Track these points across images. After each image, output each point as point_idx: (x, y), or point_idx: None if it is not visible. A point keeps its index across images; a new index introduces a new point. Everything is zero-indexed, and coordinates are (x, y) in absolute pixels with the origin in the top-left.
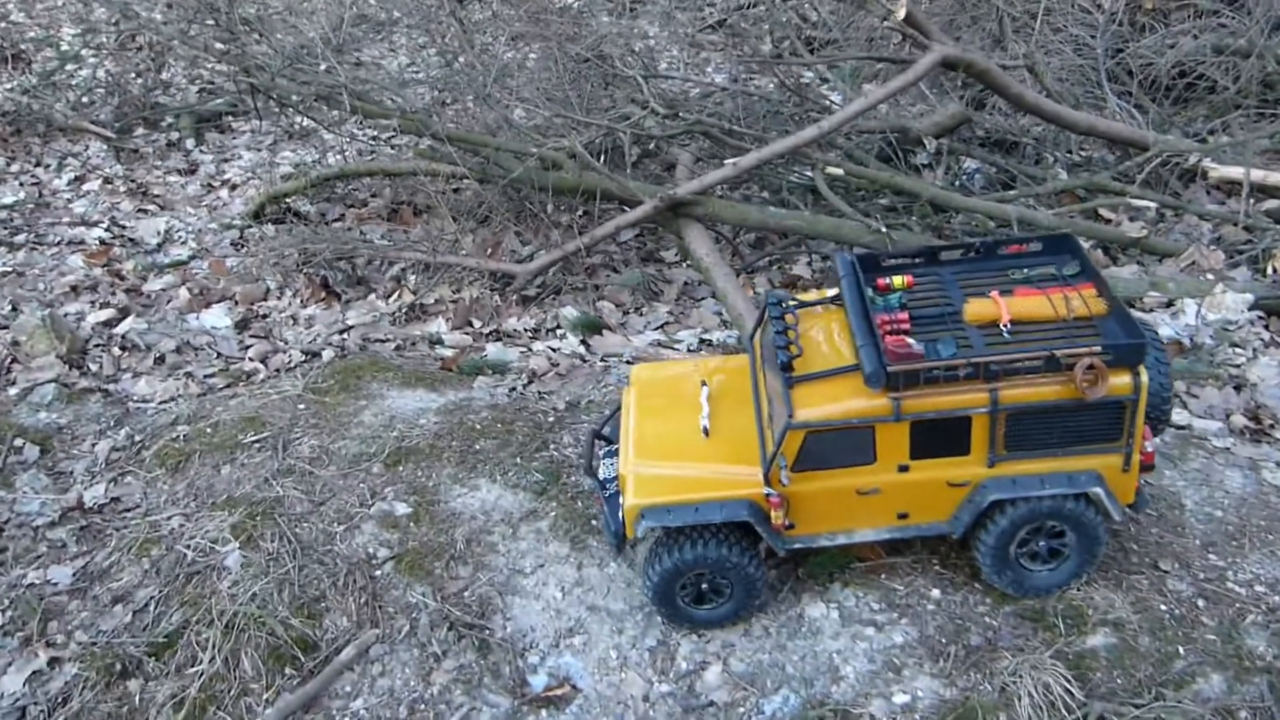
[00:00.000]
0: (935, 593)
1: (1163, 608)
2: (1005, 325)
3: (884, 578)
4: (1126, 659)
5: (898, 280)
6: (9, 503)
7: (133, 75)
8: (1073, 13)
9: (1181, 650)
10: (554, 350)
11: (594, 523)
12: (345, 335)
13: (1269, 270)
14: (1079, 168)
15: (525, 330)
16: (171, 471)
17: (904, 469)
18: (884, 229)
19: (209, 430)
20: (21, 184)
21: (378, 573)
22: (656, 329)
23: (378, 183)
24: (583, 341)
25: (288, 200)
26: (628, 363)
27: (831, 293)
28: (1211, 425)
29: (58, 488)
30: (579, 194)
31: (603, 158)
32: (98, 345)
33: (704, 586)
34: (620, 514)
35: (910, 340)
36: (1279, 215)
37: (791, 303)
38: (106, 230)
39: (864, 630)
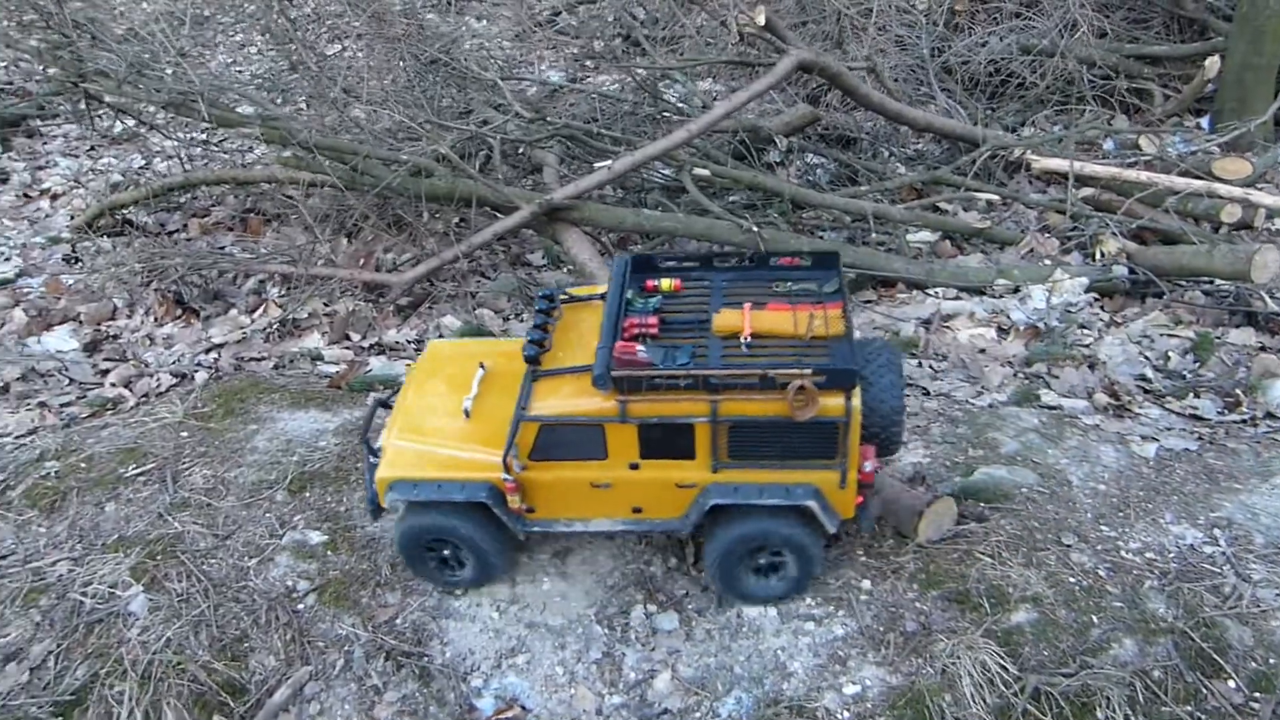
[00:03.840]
0: (865, 583)
1: (1071, 580)
2: (745, 338)
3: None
4: (1049, 631)
5: (665, 283)
6: None
7: None
8: (895, 14)
9: (1095, 619)
10: None
11: (523, 537)
12: (215, 355)
13: (1098, 255)
14: (912, 162)
15: (408, 342)
16: (46, 512)
17: (635, 466)
18: (755, 228)
19: (83, 465)
20: None
21: (300, 606)
22: None
23: (219, 190)
24: None
25: (123, 210)
26: None
27: (603, 290)
28: (1079, 404)
29: None
30: (453, 201)
31: (470, 163)
32: None
33: (445, 554)
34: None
35: (639, 347)
36: (1095, 202)
37: (562, 297)
38: None
39: (804, 625)
